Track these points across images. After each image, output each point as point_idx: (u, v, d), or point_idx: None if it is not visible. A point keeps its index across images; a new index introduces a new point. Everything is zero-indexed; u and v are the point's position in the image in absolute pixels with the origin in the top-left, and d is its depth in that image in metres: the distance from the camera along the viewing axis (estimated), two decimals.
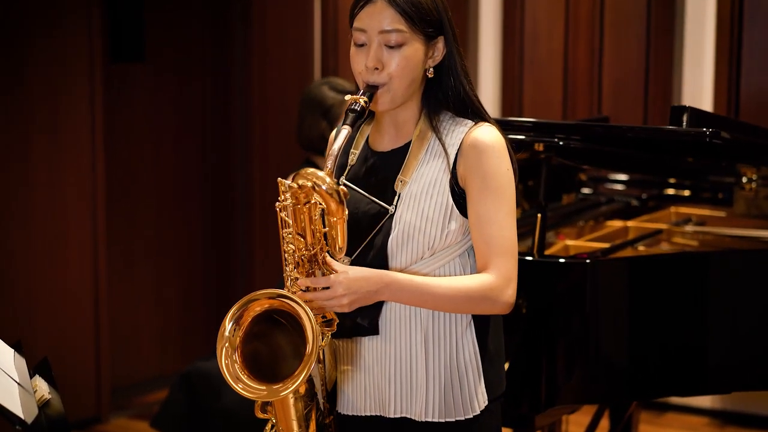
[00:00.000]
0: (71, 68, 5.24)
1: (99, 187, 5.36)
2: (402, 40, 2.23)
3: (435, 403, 2.28)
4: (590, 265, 3.19)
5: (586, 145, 3.35)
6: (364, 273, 2.19)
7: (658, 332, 3.23)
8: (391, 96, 2.26)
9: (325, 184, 2.11)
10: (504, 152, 2.26)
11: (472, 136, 2.25)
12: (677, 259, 3.39)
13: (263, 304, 2.17)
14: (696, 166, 4.18)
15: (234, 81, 6.27)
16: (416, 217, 2.24)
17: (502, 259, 2.24)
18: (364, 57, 2.26)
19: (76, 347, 5.33)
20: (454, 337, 2.28)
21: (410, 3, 2.24)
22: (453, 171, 2.25)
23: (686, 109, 3.11)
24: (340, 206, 2.13)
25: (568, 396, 3.21)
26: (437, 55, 2.30)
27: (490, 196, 2.23)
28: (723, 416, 5.47)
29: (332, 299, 2.17)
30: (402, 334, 2.28)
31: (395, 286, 2.20)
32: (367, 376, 2.33)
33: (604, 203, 4.39)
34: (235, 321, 2.17)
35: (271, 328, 2.20)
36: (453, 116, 2.31)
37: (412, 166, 2.29)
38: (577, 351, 3.17)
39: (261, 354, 2.20)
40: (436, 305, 2.24)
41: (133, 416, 5.54)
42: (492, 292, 2.23)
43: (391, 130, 2.35)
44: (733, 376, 3.29)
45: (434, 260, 2.27)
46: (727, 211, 4.30)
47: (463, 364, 2.29)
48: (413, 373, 2.28)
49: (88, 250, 5.35)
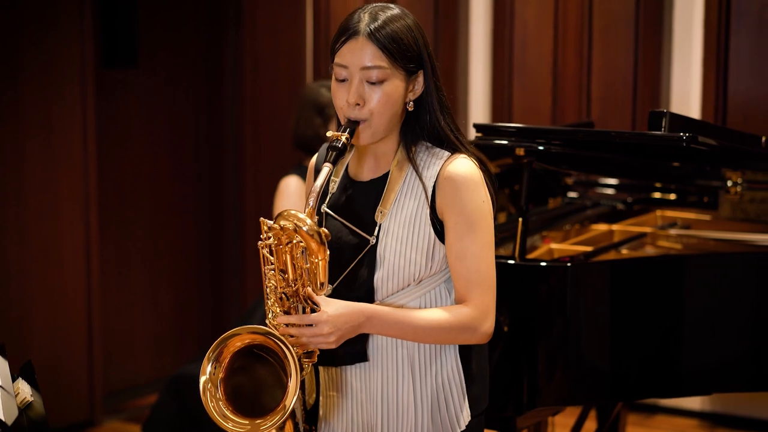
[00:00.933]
0: (64, 73, 5.29)
1: (92, 191, 5.40)
2: (383, 77, 2.27)
3: (423, 425, 2.33)
4: (571, 268, 3.23)
5: (566, 149, 3.39)
6: (345, 308, 2.23)
7: (637, 334, 3.27)
8: (372, 131, 2.31)
9: (306, 225, 2.16)
10: (479, 184, 2.30)
11: (448, 169, 2.30)
12: (655, 263, 3.43)
13: (243, 340, 2.21)
14: (681, 171, 4.22)
15: (226, 86, 6.32)
16: (401, 253, 2.29)
17: (479, 291, 2.30)
18: (345, 92, 2.29)
19: (70, 351, 5.37)
20: (439, 360, 2.34)
21: (391, 39, 2.27)
22: (432, 204, 2.30)
23: (665, 114, 3.15)
24: (321, 247, 2.17)
25: (550, 398, 3.25)
26: (417, 88, 2.34)
27: (466, 230, 2.28)
28: (712, 418, 5.50)
29: (318, 337, 2.21)
30: (389, 359, 2.34)
31: (376, 320, 2.26)
32: (354, 402, 2.37)
33: (589, 207, 4.42)
34: (215, 360, 2.20)
35: (251, 362, 2.24)
36: (430, 147, 2.35)
37: (390, 197, 2.33)
38: (559, 353, 3.21)
39: (243, 387, 2.24)
40: (416, 337, 2.29)
41: (127, 419, 5.59)
42: (471, 324, 2.29)
43: (370, 160, 2.40)
44: (712, 378, 3.32)
45: (420, 288, 2.33)
46: (713, 214, 4.33)
47: (448, 385, 2.35)
48: (401, 397, 2.33)
49: (81, 254, 5.39)
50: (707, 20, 5.35)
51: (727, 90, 5.32)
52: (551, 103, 5.77)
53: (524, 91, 5.86)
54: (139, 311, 5.98)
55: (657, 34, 5.52)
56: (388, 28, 2.27)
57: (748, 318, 3.32)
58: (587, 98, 5.67)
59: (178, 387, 4.29)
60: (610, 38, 5.60)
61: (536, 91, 5.82)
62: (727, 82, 5.31)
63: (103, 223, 5.55)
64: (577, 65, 5.68)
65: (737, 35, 5.28)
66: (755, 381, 3.32)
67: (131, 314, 5.93)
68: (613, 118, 5.57)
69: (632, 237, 4.01)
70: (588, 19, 5.64)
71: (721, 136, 3.54)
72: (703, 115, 5.38)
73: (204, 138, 6.29)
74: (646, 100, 5.54)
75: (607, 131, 3.59)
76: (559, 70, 5.74)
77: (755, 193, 4.22)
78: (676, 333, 3.26)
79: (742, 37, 5.27)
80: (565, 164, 3.90)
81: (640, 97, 5.55)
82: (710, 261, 3.42)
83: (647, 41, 5.52)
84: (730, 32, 5.29)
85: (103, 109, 5.59)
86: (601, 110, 5.63)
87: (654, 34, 5.52)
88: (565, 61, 5.72)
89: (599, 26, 5.62)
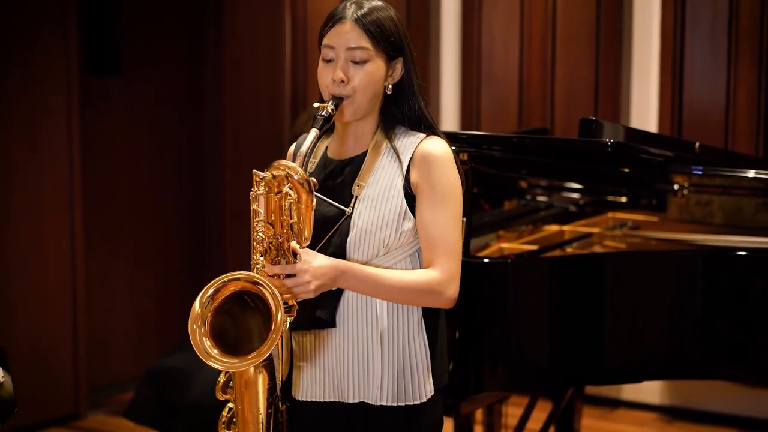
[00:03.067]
0: (48, 81, 5.37)
1: (76, 196, 5.51)
2: (366, 57, 2.49)
3: (389, 389, 2.51)
4: (511, 264, 3.42)
5: (506, 154, 3.60)
6: (325, 261, 2.41)
7: (572, 326, 3.44)
8: (354, 108, 2.51)
9: (297, 174, 2.36)
10: (451, 163, 2.51)
11: (424, 147, 2.50)
12: (583, 260, 3.62)
13: (237, 285, 2.37)
14: (628, 175, 4.41)
15: (207, 92, 6.44)
16: (373, 218, 2.48)
17: (446, 258, 2.49)
18: (331, 72, 2.50)
19: (55, 348, 5.49)
20: (407, 331, 2.52)
21: (375, 24, 2.50)
22: (407, 177, 2.50)
23: (594, 122, 3.37)
24: (310, 195, 2.37)
25: (494, 386, 3.43)
26: (396, 74, 2.55)
27: (437, 202, 2.48)
28: (671, 412, 5.68)
29: (299, 285, 2.38)
30: (359, 328, 2.51)
31: (350, 274, 2.43)
32: (327, 366, 2.54)
33: (543, 208, 4.61)
34: (210, 297, 2.38)
35: (241, 309, 2.40)
36: (407, 129, 2.56)
37: (368, 172, 2.53)
38: (501, 344, 3.38)
39: (228, 330, 2.40)
40: (386, 295, 2.47)
41: (111, 413, 5.73)
42: (437, 287, 2.48)
43: (350, 140, 2.59)
44: (639, 367, 3.51)
45: (388, 258, 2.50)
46: (661, 216, 4.52)
47: (415, 356, 2.52)
48: (369, 363, 2.51)
49: (66, 254, 5.50)
50: (663, 31, 5.53)
51: (682, 98, 5.50)
52: (518, 110, 5.95)
53: (492, 98, 6.03)
54: (123, 310, 6.09)
55: (617, 44, 5.70)
56: (373, 15, 2.50)
57: (669, 311, 3.49)
58: (551, 106, 5.86)
59: (157, 379, 4.40)
60: (573, 48, 5.78)
61: (503, 99, 6.00)
62: (682, 90, 5.50)
63: (87, 226, 5.65)
64: (542, 74, 5.87)
65: (692, 43, 5.46)
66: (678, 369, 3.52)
67: (115, 313, 6.05)
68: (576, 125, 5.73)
69: (580, 237, 4.21)
70: (552, 29, 5.82)
71: (652, 142, 3.74)
72: (661, 121, 5.57)
73: (186, 143, 6.40)
74: (608, 106, 5.72)
75: (542, 137, 3.79)
76: (525, 79, 5.93)
77: (701, 196, 4.38)
78: (605, 325, 3.45)
79: (697, 44, 5.46)
80: (514, 169, 4.09)
81: (602, 103, 5.73)
82: (633, 258, 3.61)
83: (608, 51, 5.71)
84: (685, 40, 5.47)
85: (87, 116, 5.69)
86: (564, 116, 5.81)
87: (614, 45, 5.70)
88: (530, 70, 5.91)
89: (562, 37, 5.80)
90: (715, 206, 4.38)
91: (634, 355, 3.49)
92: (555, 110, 5.83)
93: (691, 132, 5.45)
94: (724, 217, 4.37)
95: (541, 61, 5.86)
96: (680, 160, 3.87)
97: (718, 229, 4.30)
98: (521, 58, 5.92)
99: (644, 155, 3.63)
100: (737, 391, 5.45)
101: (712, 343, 3.47)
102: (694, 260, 3.51)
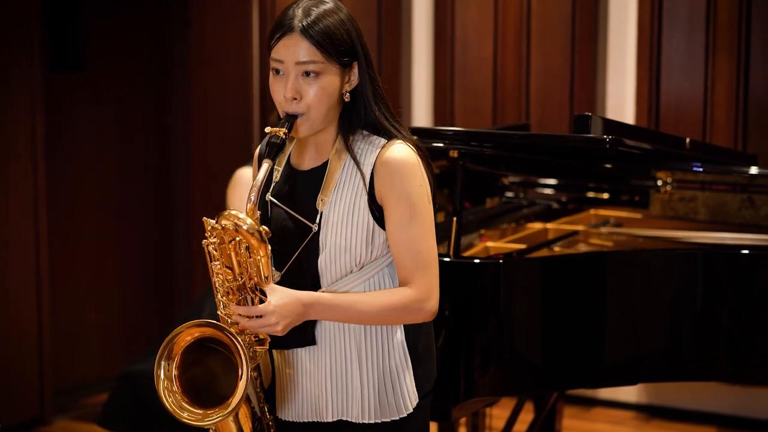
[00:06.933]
0: (11, 79, 5.30)
1: (40, 191, 5.43)
2: (318, 70, 2.33)
3: (371, 406, 2.42)
4: (503, 264, 3.36)
5: (498, 151, 3.52)
6: (290, 297, 2.31)
7: (566, 327, 3.39)
8: (310, 124, 2.38)
9: (245, 224, 2.25)
10: (415, 168, 2.38)
11: (384, 155, 2.37)
12: (581, 259, 3.55)
13: (192, 333, 2.30)
14: (613, 171, 4.36)
15: (174, 88, 6.37)
16: (341, 240, 2.37)
17: (421, 272, 2.38)
18: (282, 86, 2.36)
19: (19, 350, 5.41)
20: (385, 342, 2.42)
21: (324, 35, 2.33)
22: (370, 191, 2.38)
23: (590, 117, 3.29)
24: (262, 244, 2.26)
25: (485, 389, 3.37)
26: (353, 79, 2.41)
27: (404, 214, 2.36)
28: (648, 410, 5.66)
29: (266, 327, 2.29)
30: (336, 342, 2.42)
31: (319, 307, 2.34)
32: (305, 384, 2.46)
33: (525, 206, 4.54)
34: (167, 357, 2.30)
35: (203, 354, 2.32)
36: (367, 135, 2.42)
37: (330, 185, 2.40)
38: (493, 347, 3.32)
39: (198, 378, 2.33)
40: (361, 320, 2.38)
41: (76, 418, 5.63)
42: (415, 304, 2.38)
43: (311, 150, 2.47)
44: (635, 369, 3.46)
45: (363, 273, 2.40)
46: (644, 212, 4.48)
47: (394, 367, 2.43)
48: (348, 378, 2.42)
49: (30, 253, 5.42)
50: (640, 25, 5.49)
51: (659, 92, 5.47)
52: (492, 105, 5.89)
53: (466, 92, 5.96)
54: (88, 310, 6.02)
55: (592, 38, 5.66)
56: (321, 24, 2.34)
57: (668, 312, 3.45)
58: (526, 100, 5.80)
59: (133, 384, 4.29)
60: (547, 41, 5.73)
61: (477, 93, 5.93)
62: (659, 84, 5.47)
63: (52, 224, 5.58)
64: (516, 68, 5.81)
65: (669, 37, 5.43)
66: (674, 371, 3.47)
67: (80, 313, 5.97)
68: (551, 119, 5.71)
69: (565, 235, 4.15)
70: (527, 23, 5.76)
71: (646, 138, 3.68)
72: (638, 115, 5.53)
73: (152, 139, 6.34)
74: (583, 101, 5.68)
75: (537, 134, 3.73)
76: (499, 73, 5.86)
77: (684, 192, 4.36)
78: (600, 326, 3.39)
79: (674, 38, 5.43)
80: (502, 166, 4.01)
81: (577, 98, 5.69)
82: (631, 258, 3.54)
83: (583, 45, 5.66)
84: (662, 34, 5.44)
85: (51, 114, 5.61)
86: (539, 111, 5.76)
87: (590, 39, 5.66)
88: (504, 63, 5.84)
89: (537, 29, 5.75)
90: (699, 202, 4.34)
91: (631, 356, 3.44)
92: (530, 105, 5.78)
93: (668, 127, 5.41)
94: (708, 214, 4.34)
95: (515, 55, 5.80)
96: (674, 156, 3.81)
97: (703, 225, 4.27)
98: (495, 52, 5.85)
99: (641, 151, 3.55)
100: (714, 389, 5.43)
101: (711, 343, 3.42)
102: (694, 259, 3.46)
